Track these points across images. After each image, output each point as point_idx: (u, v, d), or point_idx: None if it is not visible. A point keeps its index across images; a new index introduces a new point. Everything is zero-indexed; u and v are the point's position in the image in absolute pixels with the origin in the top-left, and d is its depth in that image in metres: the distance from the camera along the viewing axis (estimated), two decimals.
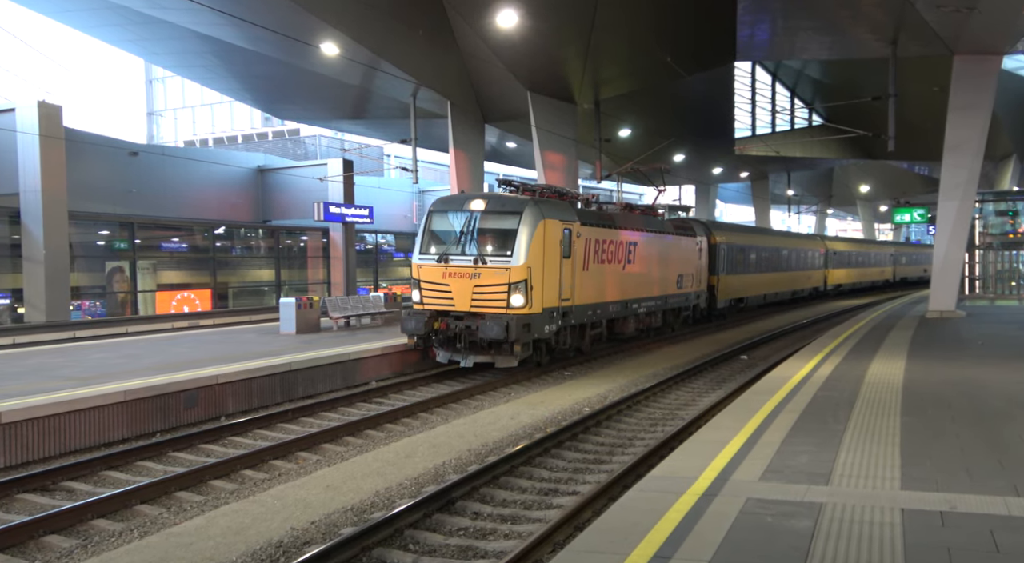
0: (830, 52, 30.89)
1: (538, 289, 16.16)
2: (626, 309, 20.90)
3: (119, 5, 28.26)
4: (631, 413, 14.11)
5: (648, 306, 22.41)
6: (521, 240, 15.96)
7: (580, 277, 17.96)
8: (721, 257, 29.68)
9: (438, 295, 16.34)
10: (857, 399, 11.42)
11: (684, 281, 25.25)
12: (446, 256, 16.34)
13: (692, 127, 43.87)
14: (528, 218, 16.19)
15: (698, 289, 26.95)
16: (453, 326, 16.20)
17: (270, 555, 7.28)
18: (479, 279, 15.99)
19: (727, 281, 30.51)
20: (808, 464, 7.91)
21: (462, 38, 28.84)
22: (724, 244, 30.18)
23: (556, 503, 9.06)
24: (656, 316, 23.43)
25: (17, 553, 7.37)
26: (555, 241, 16.78)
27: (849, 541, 5.78)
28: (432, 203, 17.54)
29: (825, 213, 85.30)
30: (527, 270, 15.88)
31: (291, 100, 41.32)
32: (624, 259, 20.48)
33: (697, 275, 26.72)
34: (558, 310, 17.04)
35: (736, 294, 31.67)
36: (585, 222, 18.35)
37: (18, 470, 9.96)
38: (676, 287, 24.50)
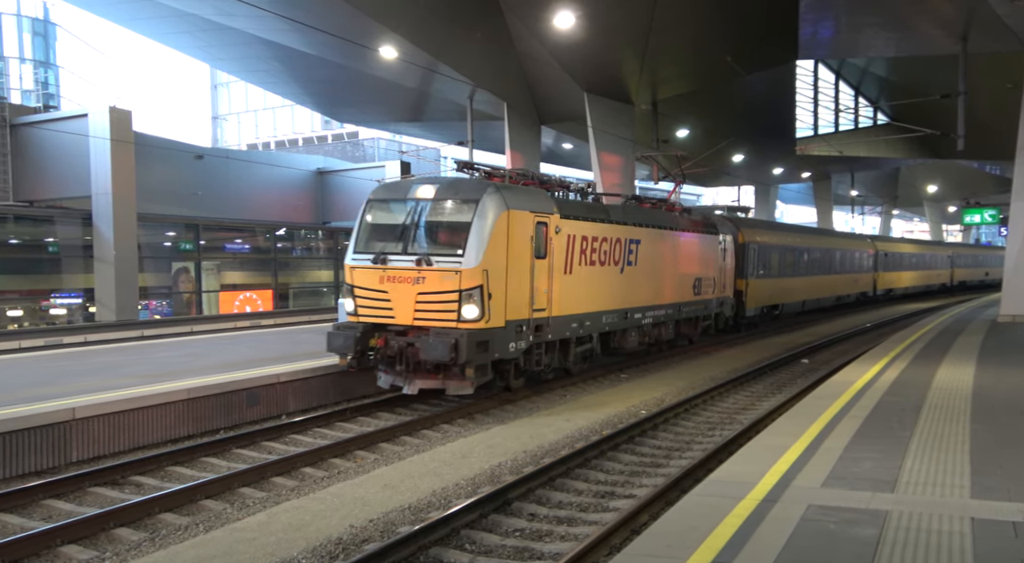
0: (897, 49, 30.11)
1: (499, 297, 13.02)
2: (625, 320, 17.74)
3: (187, 13, 29.07)
4: (688, 417, 13.95)
5: (655, 316, 19.22)
6: (476, 236, 12.86)
7: (561, 282, 14.83)
8: (751, 258, 26.26)
9: (375, 304, 13.35)
10: (924, 405, 11.10)
11: (703, 286, 21.89)
12: (384, 256, 13.28)
13: (752, 127, 43.21)
14: (486, 208, 13.05)
15: (721, 295, 23.50)
16: (393, 343, 13.12)
17: (330, 552, 7.39)
18: (423, 285, 12.92)
19: (758, 286, 27.07)
20: (872, 470, 7.71)
21: (519, 40, 28.91)
22: (754, 244, 26.71)
23: (612, 506, 9.00)
24: (666, 327, 20.14)
25: (89, 545, 7.62)
26: (524, 237, 13.65)
27: (916, 550, 5.62)
28: (372, 190, 14.66)
29: (890, 214, 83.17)
30: (483, 274, 12.70)
31: (350, 103, 41.98)
32: (623, 260, 17.37)
33: (721, 279, 23.36)
34: (529, 323, 13.86)
35: (769, 300, 28.29)
36: (568, 215, 15.19)
37: (90, 464, 10.29)
38: (693, 293, 21.22)
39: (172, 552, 7.39)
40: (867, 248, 41.62)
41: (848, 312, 38.75)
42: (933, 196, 75.83)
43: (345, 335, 13.21)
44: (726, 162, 46.62)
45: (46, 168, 31.61)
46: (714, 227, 23.11)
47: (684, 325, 21.45)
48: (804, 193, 73.56)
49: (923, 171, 66.89)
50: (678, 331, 21.10)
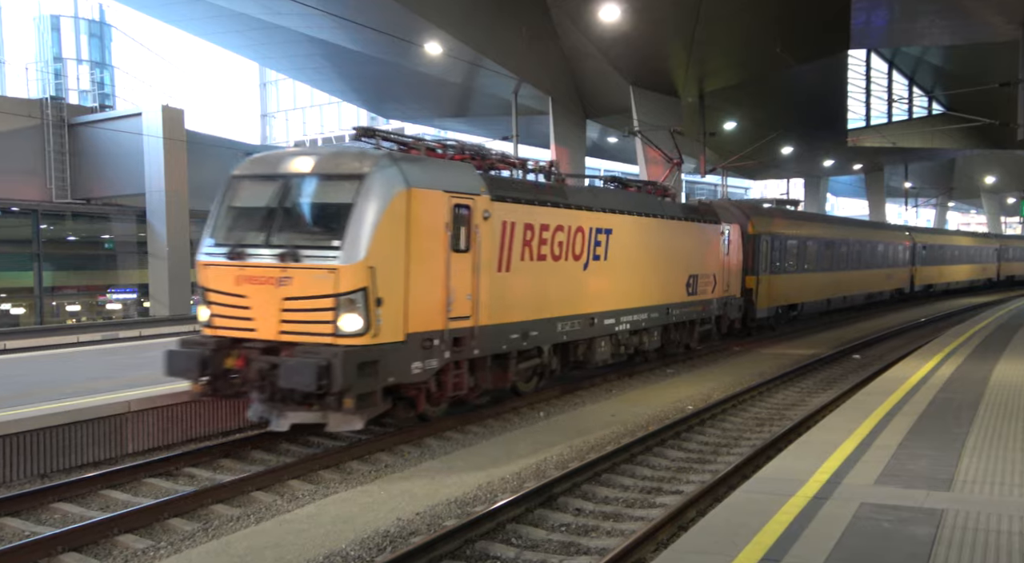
0: (953, 37, 29.33)
1: (395, 303, 10.03)
2: (592, 327, 14.58)
3: (237, 12, 29.55)
4: (736, 412, 13.79)
5: (634, 321, 16.03)
6: (359, 222, 9.86)
7: (493, 282, 11.88)
8: (763, 252, 23.17)
9: (231, 313, 10.28)
10: (981, 402, 10.81)
11: (700, 284, 18.75)
12: (240, 250, 10.26)
13: (802, 118, 42.48)
14: (374, 185, 10.03)
15: (724, 294, 20.33)
16: (255, 364, 9.94)
17: (377, 544, 7.46)
18: (290, 287, 9.89)
19: (772, 283, 23.83)
20: (928, 468, 7.54)
21: (564, 34, 28.81)
22: (767, 235, 23.48)
23: (659, 502, 8.94)
24: (651, 334, 16.98)
25: (144, 534, 7.80)
26: (434, 224, 10.67)
27: (974, 550, 5.47)
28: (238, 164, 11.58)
29: (946, 206, 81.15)
30: (368, 272, 9.72)
31: (396, 99, 42.28)
32: (587, 254, 14.35)
33: (724, 275, 20.20)
34: (443, 335, 10.87)
35: (785, 299, 25.06)
36: (504, 196, 12.18)
37: (144, 456, 10.54)
38: (686, 292, 18.14)
39: (224, 542, 7.53)
40: (903, 240, 38.11)
41: (882, 311, 35.46)
42: (991, 187, 73.83)
43: (189, 354, 10.13)
44: (774, 154, 45.91)
45: (102, 166, 32.45)
46: (713, 215, 20.09)
47: (675, 330, 18.31)
48: (855, 185, 72.17)
49: (980, 162, 65.14)
50: (667, 338, 17.98)
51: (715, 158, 42.21)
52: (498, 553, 7.38)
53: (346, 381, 9.40)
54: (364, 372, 9.68)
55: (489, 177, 12.38)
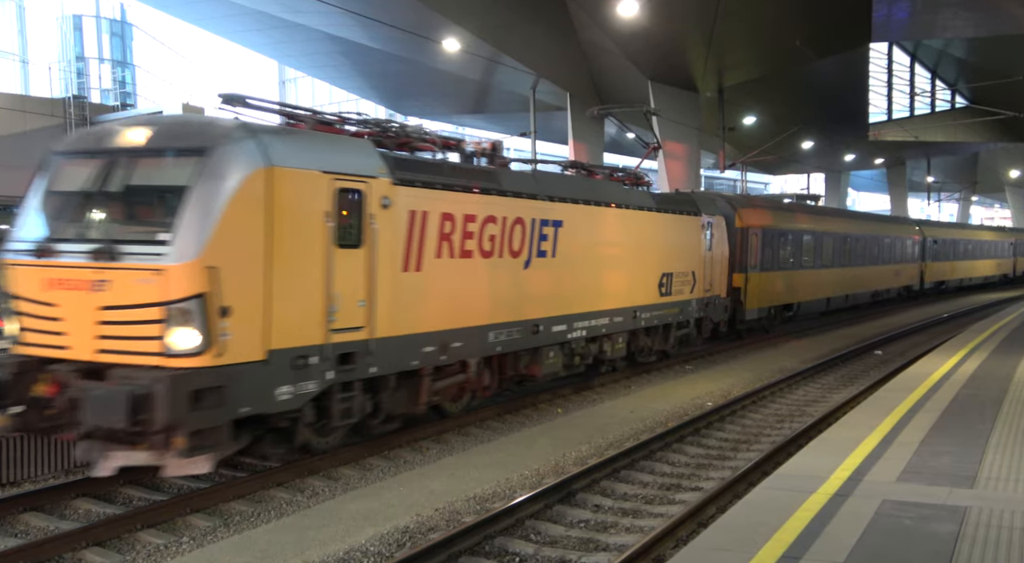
0: (977, 29, 28.99)
1: (249, 312, 8.08)
2: (536, 335, 12.57)
3: (257, 11, 29.72)
4: (756, 409, 13.72)
5: (592, 326, 14.05)
6: (197, 209, 7.87)
7: (398, 284, 9.94)
8: (753, 247, 21.20)
9: (40, 324, 8.35)
10: (1005, 398, 10.69)
11: (676, 283, 16.79)
12: (49, 245, 8.32)
13: (822, 112, 42.13)
14: (221, 162, 8.01)
15: (706, 294, 18.31)
16: (69, 391, 7.91)
17: (397, 540, 7.49)
18: (107, 292, 7.94)
19: (763, 281, 21.77)
20: (951, 465, 7.47)
21: (582, 29, 28.75)
22: (757, 229, 21.50)
23: (679, 498, 8.92)
24: (614, 340, 14.97)
25: (166, 529, 7.88)
26: (307, 212, 8.68)
27: (998, 547, 5.41)
28: (59, 141, 9.49)
29: (969, 201, 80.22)
30: (208, 274, 7.69)
31: (414, 96, 42.38)
32: (528, 249, 12.32)
33: (705, 273, 18.19)
34: (325, 350, 8.92)
35: (778, 299, 23.07)
36: (411, 180, 10.17)
37: None
38: (658, 293, 16.21)
39: (246, 537, 7.59)
40: (912, 234, 35.91)
41: (891, 310, 33.12)
42: (1016, 181, 72.84)
43: None
44: (795, 149, 45.58)
45: None
46: (692, 206, 17.94)
47: (646, 336, 16.36)
48: (877, 180, 71.49)
49: (1004, 155, 64.30)
50: (637, 344, 16.07)
51: (734, 153, 41.97)
52: (517, 549, 7.39)
53: (173, 415, 7.40)
54: (202, 402, 7.64)
55: (392, 157, 10.21)
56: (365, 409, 9.89)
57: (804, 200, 29.52)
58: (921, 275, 36.84)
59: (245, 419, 8.31)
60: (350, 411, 9.59)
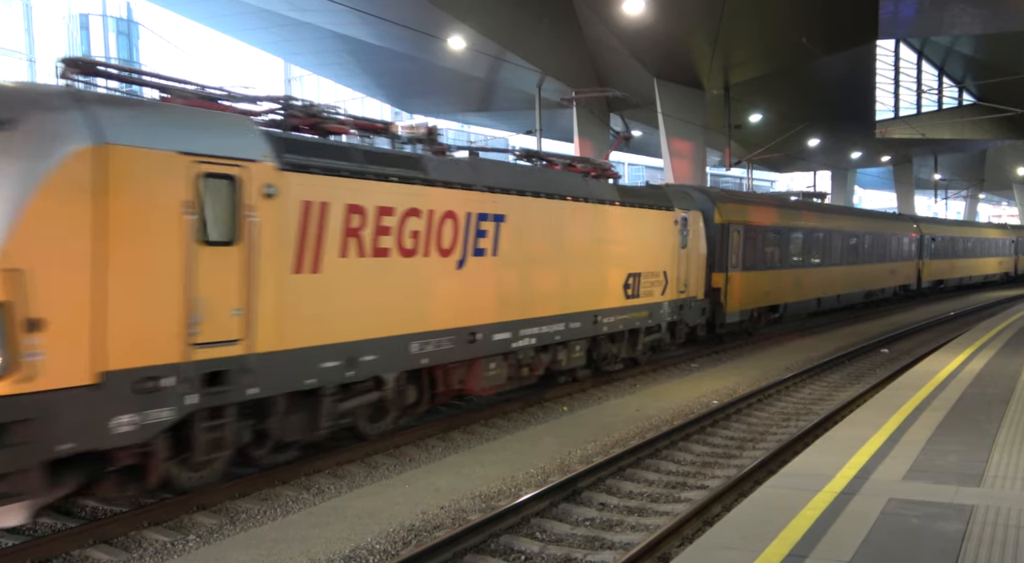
0: (984, 25, 28.90)
1: (71, 324, 6.73)
2: (472, 344, 11.19)
3: (263, 9, 29.76)
4: (762, 407, 13.70)
5: (543, 333, 12.61)
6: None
7: (286, 288, 8.55)
8: (734, 245, 19.70)
9: None
10: (1012, 396, 10.66)
11: (644, 284, 15.45)
12: None
13: (829, 110, 42.02)
14: (29, 137, 6.63)
15: (680, 296, 16.93)
16: None
17: (402, 537, 7.50)
18: None
19: (745, 281, 20.21)
20: (957, 464, 7.44)
21: (587, 27, 28.72)
22: (739, 225, 20.00)
23: (684, 497, 8.91)
24: (571, 349, 13.56)
25: (173, 527, 7.90)
26: (157, 201, 7.30)
27: (1005, 546, 5.40)
28: None
29: (977, 199, 79.95)
30: (6, 279, 6.40)
31: (420, 94, 42.40)
32: (463, 247, 10.94)
33: (679, 273, 16.80)
34: (183, 370, 7.55)
35: (763, 300, 21.61)
36: (305, 165, 8.78)
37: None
38: (624, 295, 14.87)
39: (252, 535, 7.61)
40: (908, 231, 34.32)
41: (895, 309, 32.23)
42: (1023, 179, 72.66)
43: None
44: (801, 147, 45.47)
45: None
46: (664, 201, 16.42)
47: (609, 342, 14.95)
48: (884, 178, 71.28)
49: (1012, 153, 64.07)
50: (599, 351, 14.68)
51: (740, 151, 41.88)
52: (522, 547, 7.40)
53: None
54: (1, 440, 6.33)
55: (282, 138, 8.71)
56: (243, 438, 8.43)
57: (810, 198, 29.39)
58: (918, 274, 35.49)
59: (74, 457, 6.82)
60: (221, 441, 8.06)
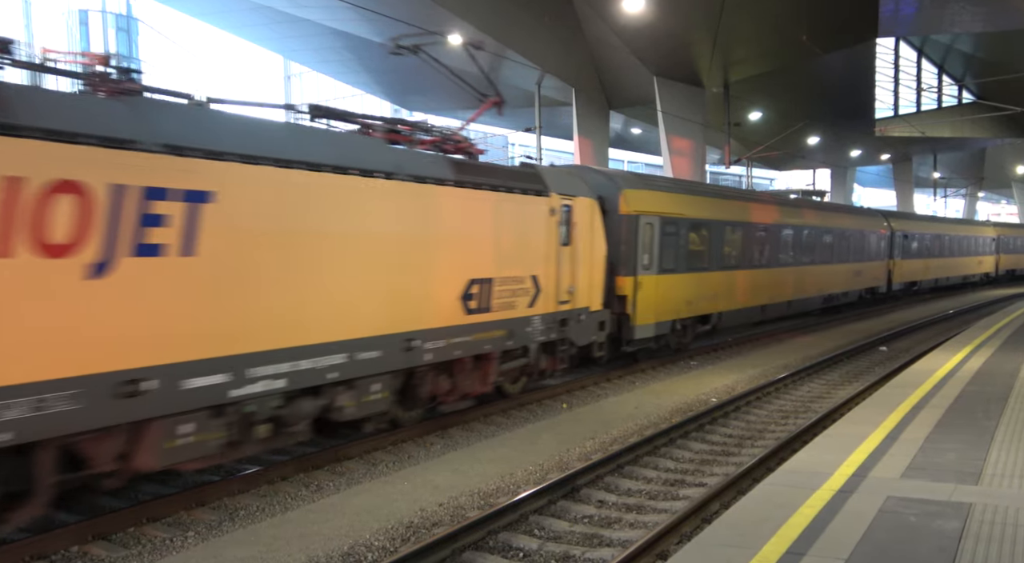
0: (985, 24, 28.87)
1: None
2: (133, 401, 7.05)
3: (262, 6, 29.75)
4: (761, 405, 13.71)
5: (303, 372, 8.73)
6: None
7: None
8: (645, 242, 15.99)
9: None
10: (1011, 394, 10.66)
11: (497, 294, 11.65)
12: None
13: (828, 108, 42.02)
14: None
15: (562, 307, 13.12)
16: None
17: (401, 534, 7.51)
18: None
19: (661, 287, 16.54)
20: (956, 462, 7.45)
21: (587, 24, 28.69)
22: (652, 217, 16.22)
23: (683, 494, 8.92)
24: (362, 390, 9.66)
25: (172, 523, 7.91)
26: None
27: (1002, 544, 5.40)
28: None
29: (976, 197, 79.97)
30: None
31: (420, 92, 42.41)
32: (111, 241, 6.91)
33: (560, 277, 13.02)
34: None
35: (686, 309, 17.67)
36: None
37: None
38: (463, 309, 11.01)
39: (251, 531, 7.61)
40: (877, 227, 30.62)
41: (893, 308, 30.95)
42: (1023, 177, 72.68)
43: None
44: (801, 145, 45.47)
45: None
46: (536, 183, 12.55)
47: (439, 375, 11.05)
48: (883, 176, 71.26)
49: (1012, 151, 64.12)
50: (422, 389, 10.71)
51: (740, 149, 41.88)
52: (521, 544, 7.40)
53: None
54: None
55: None
56: None
57: (809, 196, 29.35)
58: (889, 275, 31.95)
59: None
60: None
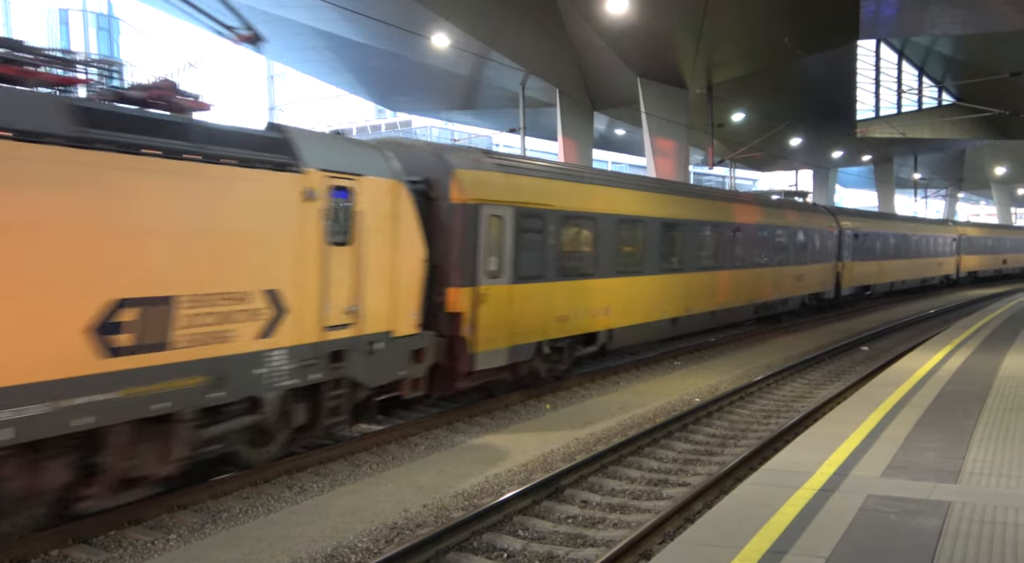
0: (964, 26, 29.15)
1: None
2: None
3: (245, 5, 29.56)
4: (743, 405, 13.78)
5: None
6: None
7: None
8: (488, 242, 12.08)
9: None
10: (990, 393, 10.78)
11: (184, 321, 7.63)
12: None
13: (810, 109, 42.29)
14: None
15: (334, 335, 9.41)
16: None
17: (384, 535, 7.49)
18: None
19: (516, 299, 12.63)
20: (935, 460, 7.52)
21: (571, 25, 28.74)
22: (503, 208, 12.31)
23: (666, 494, 8.96)
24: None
25: (153, 526, 7.85)
26: None
27: (980, 542, 5.47)
28: None
29: (955, 197, 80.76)
30: None
31: (403, 92, 42.28)
32: None
33: (330, 292, 9.34)
34: None
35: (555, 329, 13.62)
36: None
37: None
38: (101, 350, 6.92)
39: (234, 533, 7.58)
40: (824, 225, 27.20)
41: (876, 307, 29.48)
42: (1001, 178, 73.50)
43: None
44: (783, 146, 45.75)
45: None
46: (273, 148, 8.84)
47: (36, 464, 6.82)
48: (865, 177, 71.85)
49: (991, 152, 64.84)
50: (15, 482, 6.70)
51: (723, 150, 42.07)
52: (505, 545, 7.41)
53: None
54: None
55: None
56: None
57: (792, 197, 29.45)
58: (837, 279, 28.54)
59: None
60: None
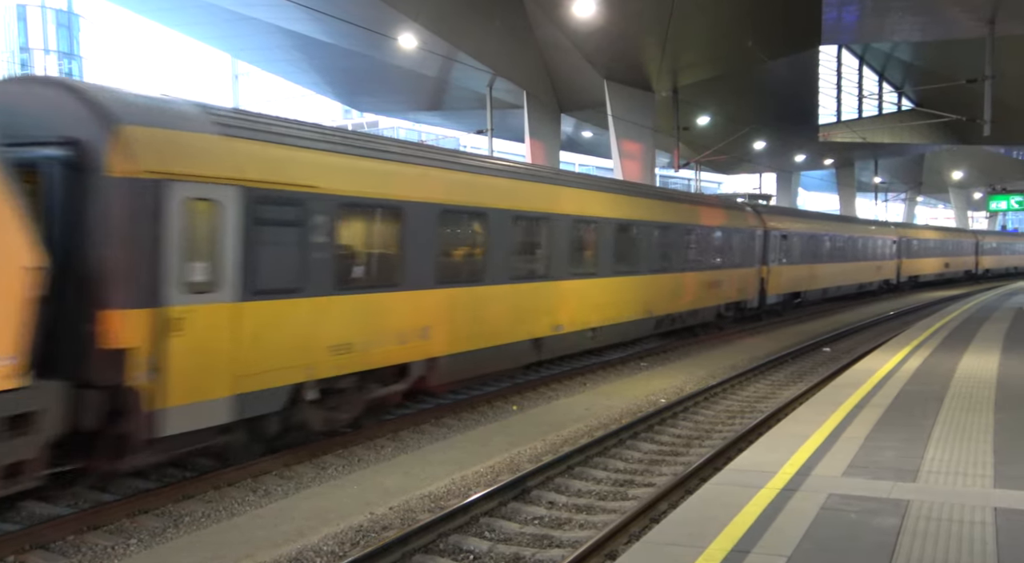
0: (923, 33, 29.72)
1: None
2: None
3: (208, 3, 29.21)
4: (708, 405, 13.90)
5: None
6: None
7: None
8: (185, 237, 8.02)
9: None
10: (947, 394, 11.00)
11: None
12: None
13: (774, 113, 42.87)
14: None
15: None
16: None
17: (350, 538, 7.44)
18: None
19: (248, 324, 8.75)
20: (894, 460, 7.66)
21: (539, 27, 28.82)
22: (221, 188, 8.36)
23: (632, 494, 9.01)
24: None
25: (114, 531, 7.73)
26: None
27: (937, 540, 5.58)
28: None
29: (915, 201, 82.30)
30: None
31: (370, 92, 42.07)
32: None
33: None
34: None
35: (327, 365, 9.86)
36: None
37: None
38: None
39: (195, 538, 7.48)
40: (744, 224, 24.00)
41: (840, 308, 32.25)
42: (959, 182, 75.00)
43: None
44: (747, 149, 46.30)
45: None
46: None
47: None
48: (827, 180, 72.95)
49: (948, 157, 66.14)
50: None
51: (689, 153, 42.45)
52: (471, 547, 7.40)
53: None
54: None
55: None
56: None
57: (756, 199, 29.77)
58: (762, 285, 25.35)
59: None
60: None
